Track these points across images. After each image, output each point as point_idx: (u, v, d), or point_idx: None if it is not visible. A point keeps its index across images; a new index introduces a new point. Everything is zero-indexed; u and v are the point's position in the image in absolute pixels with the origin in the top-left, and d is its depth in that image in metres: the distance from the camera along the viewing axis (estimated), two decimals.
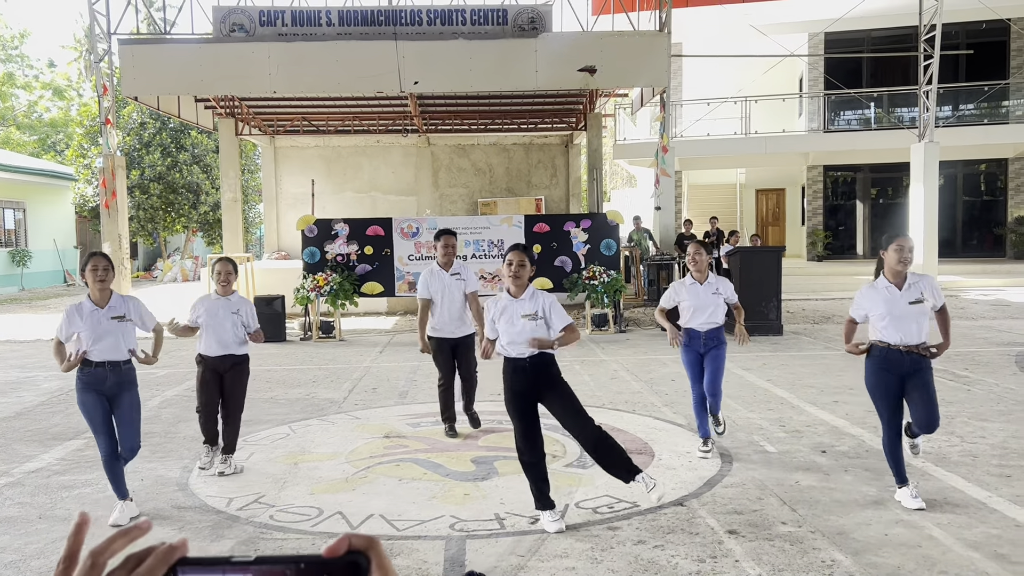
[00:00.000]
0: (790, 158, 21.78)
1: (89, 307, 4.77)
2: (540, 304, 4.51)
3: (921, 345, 4.64)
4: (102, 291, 4.79)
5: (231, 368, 5.59)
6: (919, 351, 4.63)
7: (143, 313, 4.99)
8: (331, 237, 12.79)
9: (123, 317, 4.83)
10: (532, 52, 14.95)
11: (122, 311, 4.84)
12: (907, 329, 4.61)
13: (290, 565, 0.64)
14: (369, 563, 0.65)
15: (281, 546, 4.22)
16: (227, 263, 5.68)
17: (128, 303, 4.92)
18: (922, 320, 4.64)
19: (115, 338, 4.76)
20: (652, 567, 3.86)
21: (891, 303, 4.62)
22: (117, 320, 4.79)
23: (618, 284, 12.62)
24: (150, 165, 24.89)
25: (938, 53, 16.14)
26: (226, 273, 5.62)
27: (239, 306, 5.60)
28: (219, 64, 14.85)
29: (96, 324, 4.73)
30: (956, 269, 18.43)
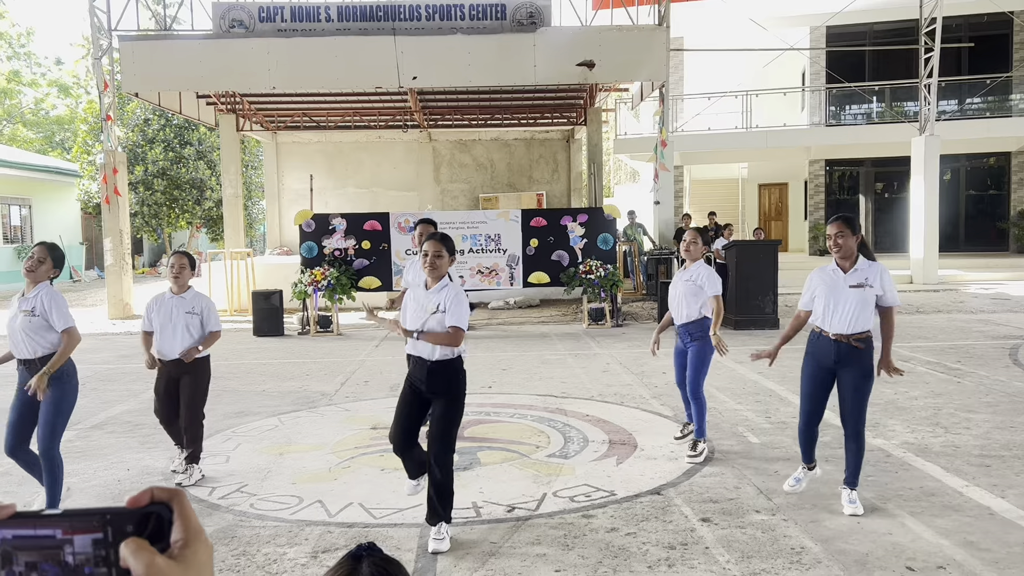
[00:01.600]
0: (792, 152, 21.72)
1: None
2: (444, 296, 4.17)
3: (853, 336, 4.42)
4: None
5: (185, 373, 5.17)
6: (850, 341, 4.42)
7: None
8: (329, 232, 12.85)
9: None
10: (531, 47, 14.97)
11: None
12: (841, 313, 4.43)
13: (96, 517, 0.67)
14: (172, 514, 0.68)
15: (259, 533, 4.27)
16: (181, 256, 5.26)
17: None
18: (861, 309, 4.42)
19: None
20: (622, 553, 3.89)
21: (832, 285, 4.49)
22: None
23: (615, 278, 12.64)
24: (153, 161, 25.00)
25: (938, 46, 16.08)
26: (179, 267, 5.19)
27: (194, 305, 5.22)
28: (219, 60, 14.92)
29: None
30: (958, 263, 18.36)
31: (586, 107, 18.79)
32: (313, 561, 3.89)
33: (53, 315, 4.41)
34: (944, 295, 15.35)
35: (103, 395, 8.15)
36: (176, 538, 0.67)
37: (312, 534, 4.25)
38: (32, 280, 4.47)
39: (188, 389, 5.17)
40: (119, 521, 0.68)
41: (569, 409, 7.04)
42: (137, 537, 0.66)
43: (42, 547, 0.68)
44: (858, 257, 4.51)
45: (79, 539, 0.67)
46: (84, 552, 0.68)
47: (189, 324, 5.17)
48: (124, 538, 0.67)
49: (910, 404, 6.94)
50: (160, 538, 0.68)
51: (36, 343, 4.41)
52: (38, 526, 0.68)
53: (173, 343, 5.16)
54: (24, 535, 0.68)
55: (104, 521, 0.68)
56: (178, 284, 5.24)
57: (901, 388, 7.57)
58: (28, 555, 0.68)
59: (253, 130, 19.83)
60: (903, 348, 9.87)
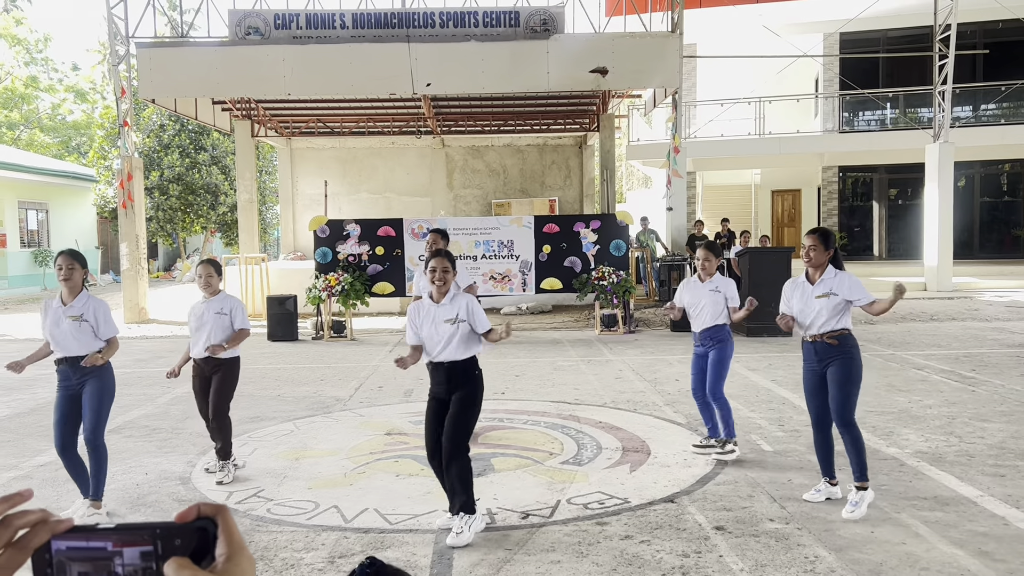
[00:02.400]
0: (805, 159, 21.69)
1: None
2: (459, 307, 4.44)
3: (826, 334, 4.78)
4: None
5: (216, 371, 5.41)
6: (823, 339, 4.79)
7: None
8: (343, 237, 12.93)
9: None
10: (544, 53, 15.03)
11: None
12: (812, 320, 4.83)
13: (146, 531, 0.72)
14: (217, 528, 0.73)
15: (276, 538, 4.32)
16: (207, 265, 5.51)
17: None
18: (829, 315, 4.77)
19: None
20: (636, 561, 3.92)
21: (801, 296, 4.91)
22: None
23: (627, 284, 12.66)
24: (169, 166, 25.20)
25: (953, 53, 16.03)
26: (206, 276, 5.47)
27: (223, 305, 5.45)
28: (235, 67, 15.05)
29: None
30: (972, 271, 18.27)
31: (599, 113, 18.82)
32: (330, 566, 3.93)
33: (100, 325, 4.77)
34: (958, 303, 15.29)
35: (120, 400, 8.16)
36: (221, 552, 0.72)
37: (328, 539, 4.29)
38: (69, 288, 4.73)
39: (216, 387, 5.40)
40: (168, 535, 0.72)
41: (582, 416, 7.07)
42: (181, 556, 0.71)
43: (94, 558, 0.72)
44: (826, 268, 4.90)
45: (128, 551, 0.72)
46: (133, 564, 0.72)
47: (219, 324, 5.41)
48: (172, 551, 0.72)
49: (924, 413, 6.93)
50: (206, 552, 0.73)
51: (84, 345, 4.71)
52: (91, 539, 0.73)
53: (199, 344, 5.41)
54: (78, 547, 0.73)
55: (153, 535, 0.72)
56: (209, 291, 5.50)
57: (915, 397, 7.56)
58: (81, 566, 0.73)
59: (268, 136, 19.97)
60: (917, 356, 9.85)
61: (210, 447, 6.25)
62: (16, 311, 18.79)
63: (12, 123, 40.50)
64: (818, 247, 4.89)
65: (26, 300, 21.80)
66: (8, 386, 9.06)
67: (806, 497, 4.81)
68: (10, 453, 6.20)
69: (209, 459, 5.93)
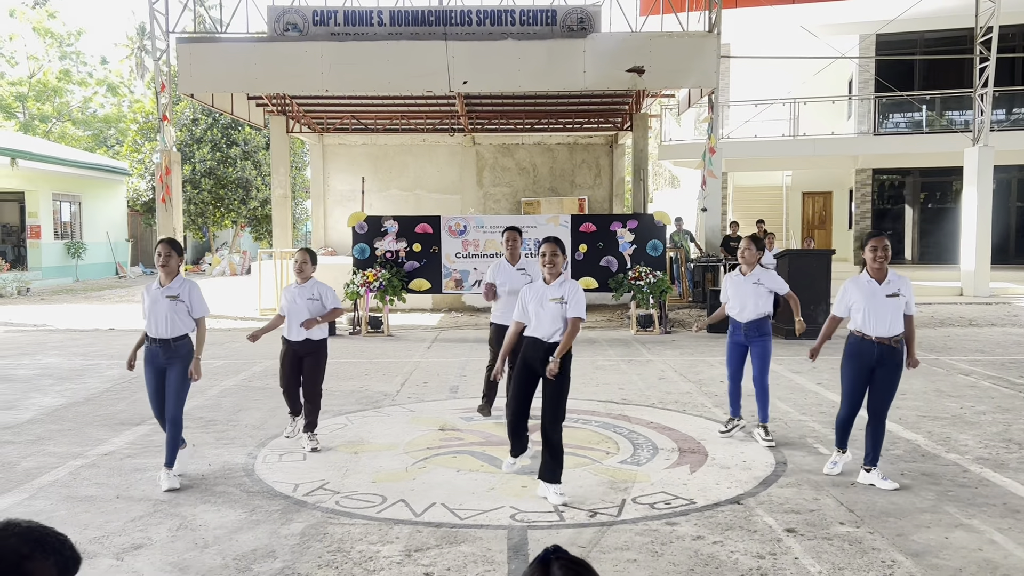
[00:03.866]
0: (839, 161, 21.55)
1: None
2: (566, 289, 4.95)
3: (893, 338, 5.07)
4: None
5: (309, 353, 5.97)
6: (891, 343, 5.07)
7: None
8: (381, 234, 12.99)
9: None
10: (580, 52, 15.03)
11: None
12: (881, 320, 5.08)
13: None
14: None
15: (349, 531, 4.36)
16: (304, 252, 6.07)
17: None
18: (896, 315, 5.09)
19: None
20: (712, 561, 3.93)
21: (870, 296, 5.10)
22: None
23: (664, 285, 12.64)
24: (201, 160, 25.41)
25: (994, 56, 15.88)
26: (301, 262, 6.01)
27: (314, 291, 5.97)
28: (273, 63, 15.15)
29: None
30: (1009, 276, 18.09)
31: (631, 113, 18.80)
32: (408, 560, 3.97)
33: (194, 305, 5.22)
34: (996, 308, 15.14)
35: None
36: None
37: (402, 533, 4.33)
38: (167, 273, 5.18)
39: (310, 366, 5.99)
40: None
41: (632, 416, 7.08)
42: None
43: None
44: (887, 270, 5.19)
45: None
46: None
47: (311, 309, 5.92)
48: None
49: (978, 419, 6.89)
50: None
51: (176, 325, 5.14)
52: None
53: (294, 327, 5.92)
54: None
55: None
56: (302, 277, 6.01)
57: (967, 403, 7.51)
58: None
59: (302, 131, 20.09)
60: (961, 361, 9.78)
61: (268, 439, 6.35)
62: (51, 301, 19.03)
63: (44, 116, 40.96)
64: (888, 249, 5.18)
65: (60, 291, 22.06)
66: (60, 376, 9.20)
67: (826, 471, 5.32)
68: (73, 441, 6.29)
69: (268, 451, 6.00)
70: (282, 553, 4.07)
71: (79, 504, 4.82)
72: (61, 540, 1.63)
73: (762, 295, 6.19)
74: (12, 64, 41.55)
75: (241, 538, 4.27)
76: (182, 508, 4.75)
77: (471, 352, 10.95)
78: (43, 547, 1.58)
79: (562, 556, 1.57)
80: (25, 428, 6.77)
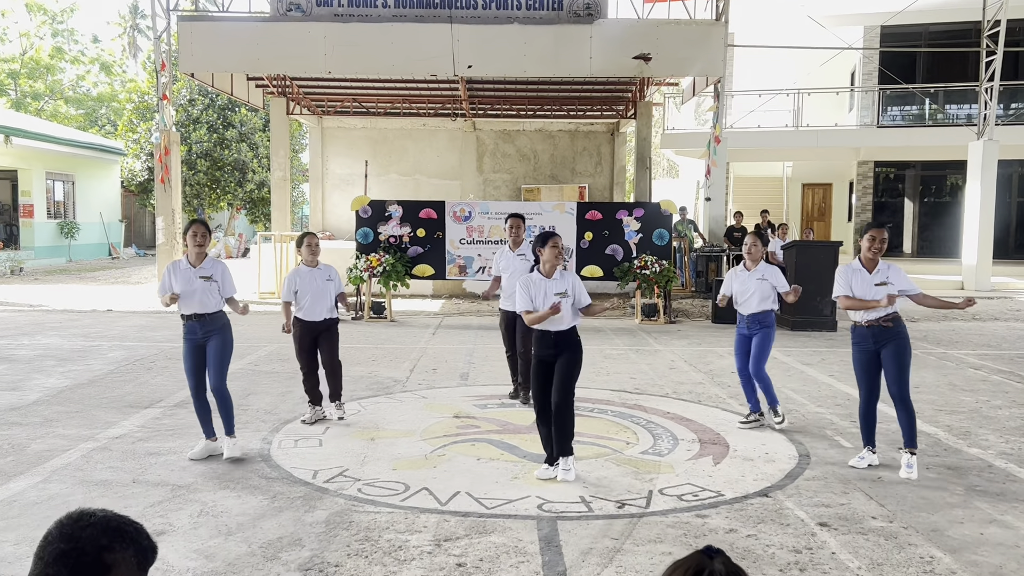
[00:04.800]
0: (839, 152, 21.49)
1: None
2: (569, 283, 5.09)
3: (882, 318, 5.15)
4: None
5: (326, 329, 6.33)
6: (880, 323, 5.16)
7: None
8: (384, 219, 12.86)
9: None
10: (587, 38, 14.88)
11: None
12: (868, 305, 5.16)
13: None
14: None
15: (375, 519, 4.28)
16: (314, 236, 6.43)
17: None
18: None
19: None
20: (749, 555, 3.86)
21: (860, 284, 5.22)
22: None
23: (669, 274, 12.56)
24: (197, 142, 25.14)
25: (1002, 49, 15.83)
26: (316, 245, 6.36)
27: (329, 273, 6.33)
28: (275, 43, 14.95)
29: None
30: (1009, 271, 18.10)
31: (635, 100, 18.67)
32: (439, 550, 3.89)
33: (225, 285, 5.44)
34: (999, 303, 15.15)
35: (176, 374, 8.19)
36: None
37: (429, 522, 4.25)
38: (198, 253, 5.37)
39: (329, 340, 6.37)
40: None
41: (648, 406, 7.01)
42: None
43: None
44: (879, 260, 5.33)
45: None
46: None
47: (330, 290, 6.31)
48: None
49: (995, 414, 6.85)
50: None
51: (210, 302, 5.36)
52: None
53: (319, 308, 6.26)
54: None
55: None
56: (316, 260, 6.35)
57: (982, 397, 7.48)
58: None
59: (302, 114, 19.88)
60: (970, 356, 9.76)
61: (281, 424, 6.26)
62: (45, 281, 18.82)
63: (37, 94, 40.50)
64: (886, 242, 5.33)
65: (53, 272, 21.83)
66: (61, 357, 9.06)
67: (851, 464, 5.29)
68: (82, 424, 6.18)
69: (283, 436, 5.90)
70: (309, 541, 3.98)
71: (95, 488, 4.72)
72: (137, 529, 1.55)
73: (766, 290, 6.29)
74: (4, 41, 41.03)
75: (265, 525, 4.18)
76: (201, 494, 4.65)
77: (476, 339, 10.86)
78: (121, 537, 1.50)
79: (724, 555, 1.54)
80: (32, 409, 6.64)
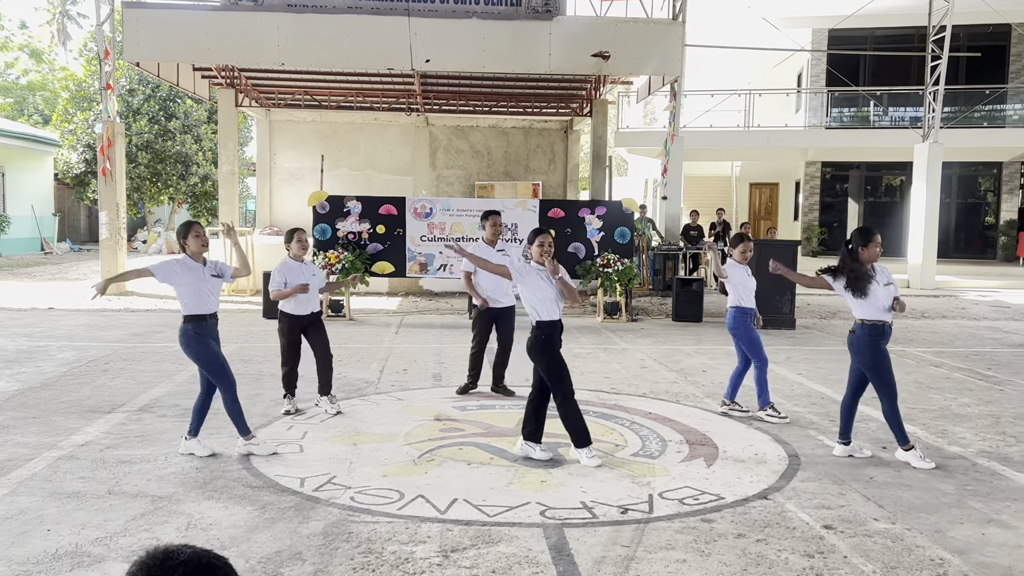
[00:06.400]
0: (789, 152, 21.88)
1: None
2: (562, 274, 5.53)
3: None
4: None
5: (314, 322, 6.53)
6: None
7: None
8: (343, 214, 12.58)
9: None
10: (546, 35, 14.80)
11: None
12: (886, 303, 5.40)
13: None
14: None
15: (375, 529, 4.10)
16: (304, 232, 6.66)
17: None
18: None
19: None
20: (763, 561, 3.81)
21: (874, 285, 5.41)
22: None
23: (631, 272, 12.58)
24: (138, 133, 24.31)
25: (947, 54, 16.27)
26: (305, 240, 6.63)
27: (314, 268, 6.67)
28: (226, 33, 14.50)
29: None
30: (951, 270, 18.67)
31: (590, 98, 18.68)
32: (448, 561, 3.74)
33: (225, 276, 5.51)
34: (944, 301, 15.59)
35: (134, 376, 7.86)
36: None
37: (432, 531, 4.09)
38: (201, 252, 5.35)
39: (319, 332, 6.57)
40: None
41: (628, 407, 6.95)
42: None
43: None
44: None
45: None
46: None
47: (315, 284, 6.53)
48: None
49: (966, 412, 6.98)
50: None
51: (217, 300, 5.42)
52: None
53: (309, 302, 6.48)
54: None
55: None
56: (303, 256, 6.59)
57: (949, 395, 7.63)
58: None
59: (250, 106, 19.36)
60: (927, 353, 9.98)
61: (256, 429, 5.99)
62: None
63: None
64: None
65: None
66: (7, 358, 8.60)
67: (835, 453, 5.56)
68: (42, 431, 5.83)
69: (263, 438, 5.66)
70: (309, 555, 3.79)
71: (69, 501, 4.43)
72: (227, 564, 1.39)
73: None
74: None
75: (259, 538, 3.97)
76: (185, 505, 4.41)
77: (441, 338, 10.69)
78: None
79: None
80: None
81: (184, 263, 5.29)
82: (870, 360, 5.38)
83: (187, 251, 5.34)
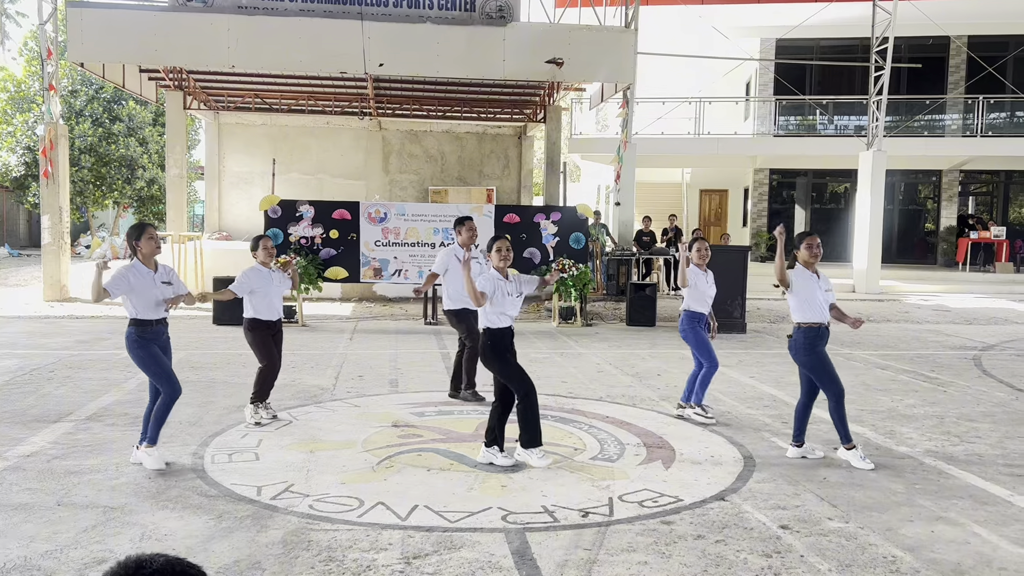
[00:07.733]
0: (737, 160, 22.26)
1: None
2: (517, 283, 5.56)
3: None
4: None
5: (279, 331, 6.57)
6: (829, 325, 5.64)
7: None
8: (295, 219, 12.44)
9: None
10: (500, 41, 14.83)
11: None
12: (824, 306, 5.58)
13: None
14: None
15: (335, 537, 4.06)
16: (269, 239, 6.64)
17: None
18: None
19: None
20: (723, 562, 3.86)
21: (817, 286, 5.56)
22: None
23: (586, 278, 12.67)
24: (80, 136, 23.71)
25: (889, 65, 16.73)
26: (271, 247, 6.58)
27: (282, 274, 6.62)
28: (174, 34, 14.23)
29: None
30: (893, 275, 19.17)
31: (544, 105, 18.77)
32: (410, 568, 3.71)
33: (178, 287, 5.34)
34: (888, 305, 16.00)
35: (80, 384, 7.66)
36: None
37: (393, 538, 4.06)
38: (153, 257, 5.27)
39: (279, 345, 6.60)
40: None
41: (586, 411, 6.99)
42: None
43: None
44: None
45: None
46: None
47: (281, 290, 6.57)
48: None
49: (912, 412, 7.17)
50: None
51: (164, 305, 5.28)
52: None
53: (277, 303, 6.53)
54: None
55: None
56: (271, 262, 6.55)
57: (896, 396, 7.83)
58: None
59: (199, 109, 19.03)
60: (873, 356, 10.22)
61: (210, 437, 5.92)
62: None
63: None
64: (820, 245, 5.76)
65: None
66: None
67: (789, 455, 5.66)
68: None
69: (215, 450, 5.56)
70: (269, 564, 3.73)
71: (16, 513, 4.30)
72: (201, 573, 1.37)
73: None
74: None
75: (217, 548, 3.90)
76: (138, 516, 4.31)
77: (398, 344, 10.63)
78: None
79: None
80: None
81: (134, 269, 5.16)
82: (809, 362, 5.54)
83: (138, 254, 5.19)
